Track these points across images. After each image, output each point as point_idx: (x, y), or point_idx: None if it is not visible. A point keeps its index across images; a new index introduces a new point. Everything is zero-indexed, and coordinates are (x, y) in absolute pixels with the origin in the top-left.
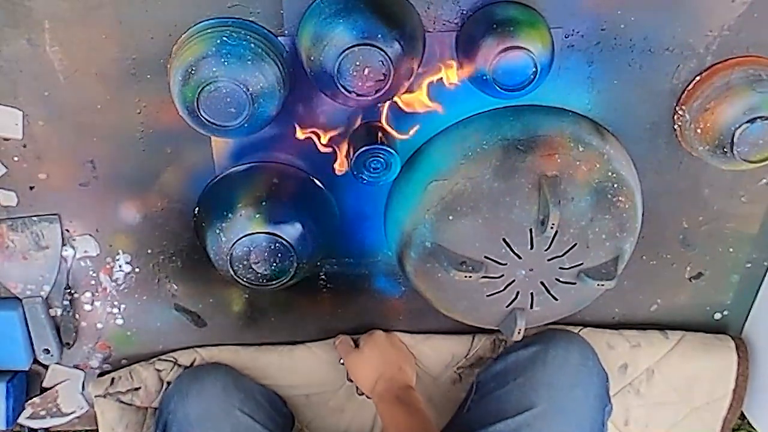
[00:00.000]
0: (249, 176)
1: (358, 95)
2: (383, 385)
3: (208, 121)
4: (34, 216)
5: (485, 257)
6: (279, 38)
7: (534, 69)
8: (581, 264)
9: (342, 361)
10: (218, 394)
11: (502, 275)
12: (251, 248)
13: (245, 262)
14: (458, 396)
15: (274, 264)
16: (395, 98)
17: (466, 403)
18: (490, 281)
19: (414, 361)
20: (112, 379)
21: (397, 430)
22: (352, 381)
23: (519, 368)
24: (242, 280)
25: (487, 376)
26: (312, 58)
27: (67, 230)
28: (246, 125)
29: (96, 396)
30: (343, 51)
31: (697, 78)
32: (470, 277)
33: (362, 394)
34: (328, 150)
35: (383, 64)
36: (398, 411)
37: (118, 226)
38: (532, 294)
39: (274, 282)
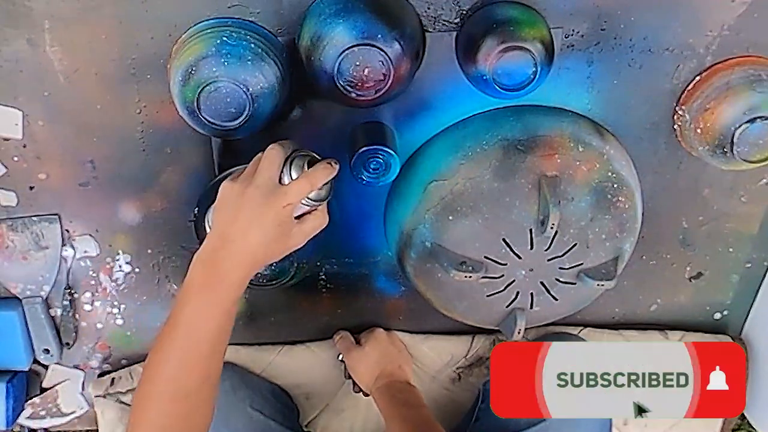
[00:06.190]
0: None
1: (358, 95)
2: (384, 381)
3: (208, 121)
4: (34, 216)
5: (485, 257)
6: (279, 38)
7: (534, 69)
8: (581, 264)
9: (340, 357)
10: (227, 392)
11: (502, 275)
12: None
13: None
14: (457, 396)
15: (274, 264)
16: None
17: (473, 412)
18: (490, 281)
19: (412, 362)
20: (113, 379)
21: (399, 424)
22: (349, 378)
23: None
24: None
25: None
26: (312, 58)
27: (67, 230)
28: (246, 125)
29: (96, 396)
30: (343, 51)
31: (697, 78)
32: (470, 277)
33: (359, 391)
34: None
35: (383, 64)
36: (400, 406)
37: (118, 226)
38: (532, 294)
39: (274, 282)
